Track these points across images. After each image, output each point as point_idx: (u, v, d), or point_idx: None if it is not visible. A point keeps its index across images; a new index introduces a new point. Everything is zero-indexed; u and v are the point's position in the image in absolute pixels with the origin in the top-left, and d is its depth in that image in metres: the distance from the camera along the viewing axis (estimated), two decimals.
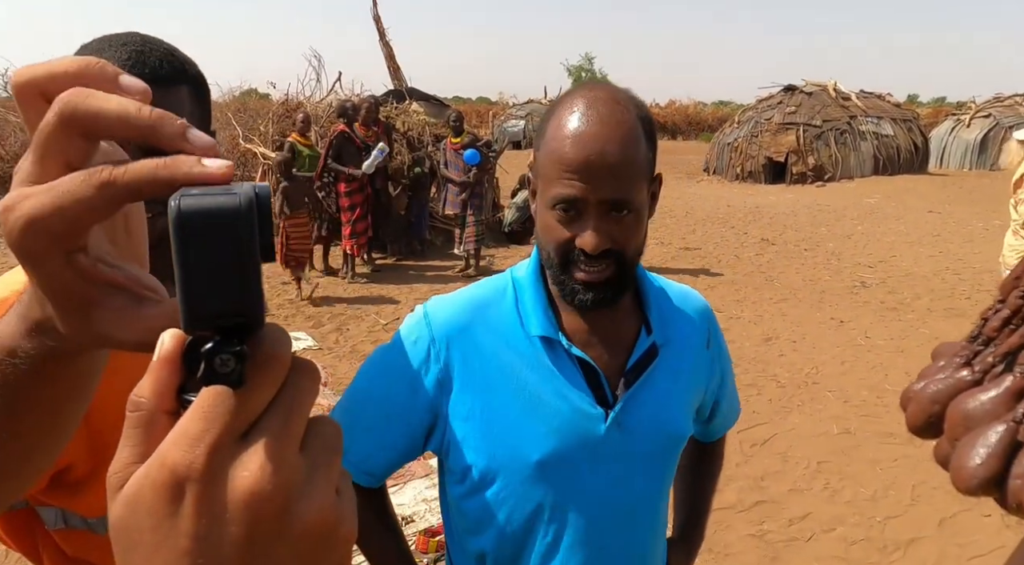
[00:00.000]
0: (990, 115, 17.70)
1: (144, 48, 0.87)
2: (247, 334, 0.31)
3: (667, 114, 38.96)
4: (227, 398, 0.30)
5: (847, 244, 9.45)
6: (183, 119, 0.36)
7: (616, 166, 0.88)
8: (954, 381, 0.36)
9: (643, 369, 0.99)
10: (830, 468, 3.57)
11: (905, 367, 4.95)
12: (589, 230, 0.89)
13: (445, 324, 0.99)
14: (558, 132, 0.91)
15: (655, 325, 1.02)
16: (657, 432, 1.01)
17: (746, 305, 6.53)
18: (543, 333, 0.97)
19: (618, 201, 0.89)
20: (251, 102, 14.90)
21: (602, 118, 0.89)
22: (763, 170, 17.07)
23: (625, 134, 0.89)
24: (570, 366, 0.97)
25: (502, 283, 1.05)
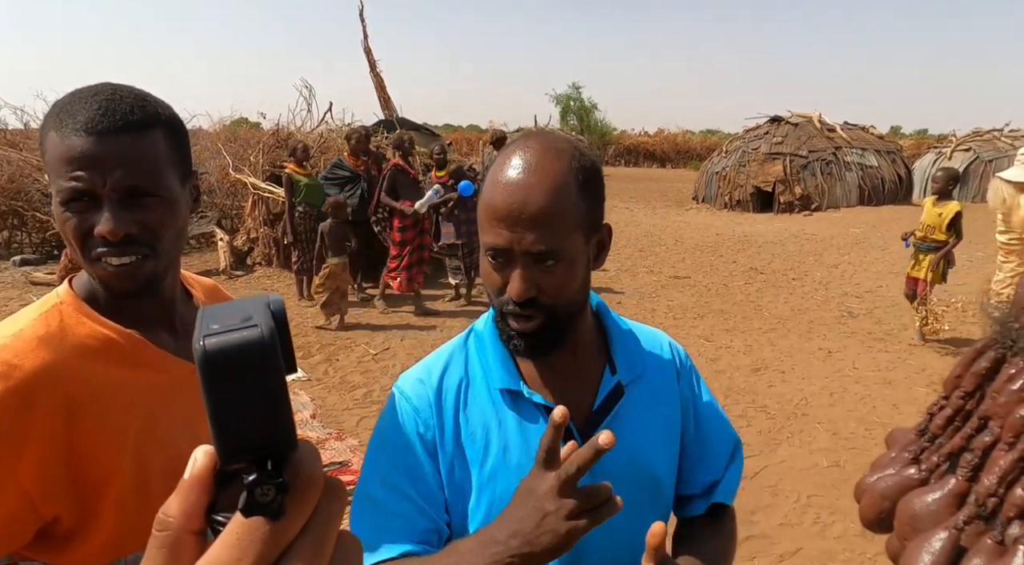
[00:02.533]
0: (970, 149, 18.04)
1: (114, 97, 0.91)
2: (282, 459, 0.31)
3: (656, 142, 39.39)
4: (262, 525, 0.29)
5: (834, 274, 9.53)
6: None
7: (539, 215, 0.88)
8: (902, 479, 0.38)
9: (610, 409, 0.99)
10: (820, 502, 3.56)
11: (892, 399, 4.97)
12: (515, 278, 0.90)
13: (419, 396, 1.01)
14: (491, 180, 0.92)
15: (620, 364, 1.02)
16: (629, 471, 0.98)
17: (735, 334, 6.56)
18: (504, 385, 0.98)
19: (543, 252, 0.89)
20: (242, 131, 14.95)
21: (530, 167, 0.89)
22: (751, 199, 17.26)
23: (552, 183, 0.89)
24: (534, 413, 0.97)
25: (467, 340, 1.06)
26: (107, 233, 0.89)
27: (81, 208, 0.89)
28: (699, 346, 6.12)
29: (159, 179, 0.93)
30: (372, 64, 11.62)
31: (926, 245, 6.13)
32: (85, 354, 0.92)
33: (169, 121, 0.96)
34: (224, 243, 9.50)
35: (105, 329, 0.95)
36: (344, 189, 7.91)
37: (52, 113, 0.91)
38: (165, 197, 0.94)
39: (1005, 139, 17.89)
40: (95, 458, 0.89)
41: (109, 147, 0.88)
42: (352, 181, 7.91)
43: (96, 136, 0.87)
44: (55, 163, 0.89)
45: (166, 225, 0.95)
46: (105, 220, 0.89)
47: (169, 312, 1.04)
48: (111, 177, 0.88)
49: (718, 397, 5.06)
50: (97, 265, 0.91)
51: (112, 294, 0.95)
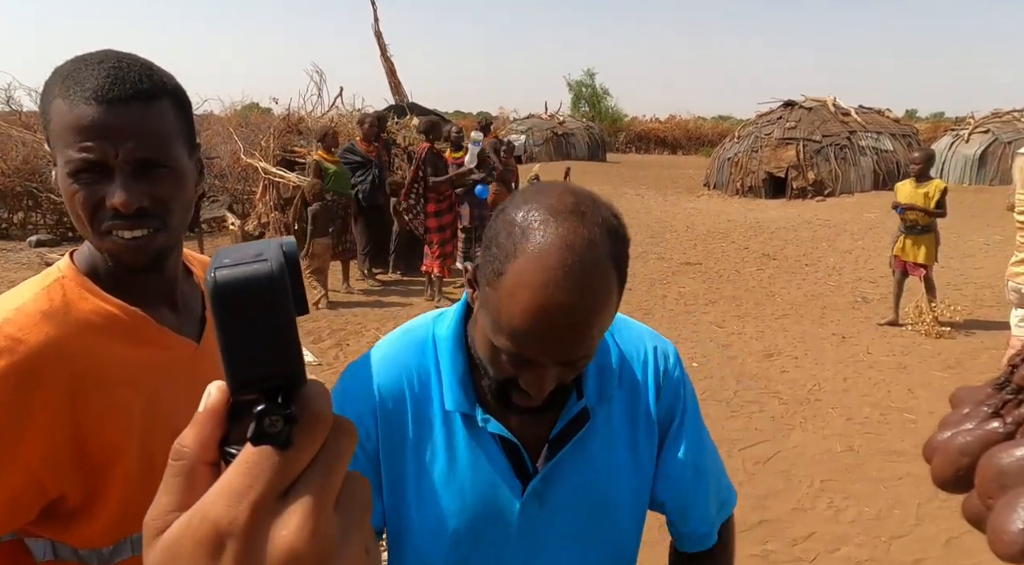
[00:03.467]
0: (988, 130, 17.73)
1: (121, 65, 0.88)
2: (291, 393, 0.32)
3: (667, 129, 39.06)
4: (272, 455, 0.30)
5: (848, 259, 9.44)
6: None
7: (577, 342, 0.78)
8: (984, 433, 0.34)
9: (570, 437, 0.90)
10: (834, 487, 3.53)
11: (908, 384, 4.92)
12: (541, 385, 0.80)
13: (365, 401, 0.93)
14: (513, 298, 0.76)
15: (589, 386, 0.92)
16: (586, 505, 0.92)
17: (748, 320, 6.51)
18: (457, 409, 0.90)
19: (578, 365, 0.81)
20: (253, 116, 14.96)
21: (575, 289, 0.74)
22: (763, 185, 17.10)
23: (601, 310, 0.77)
24: (488, 440, 0.91)
25: (421, 339, 0.96)
26: (120, 205, 0.86)
27: (91, 180, 0.87)
28: (711, 332, 6.08)
29: (169, 150, 0.91)
30: (383, 49, 11.57)
31: (918, 227, 6.11)
32: (88, 330, 0.90)
33: (175, 91, 0.94)
34: (235, 227, 9.52)
35: (108, 305, 0.93)
36: (356, 174, 7.89)
37: (56, 79, 0.88)
38: (175, 168, 0.92)
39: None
40: (101, 436, 0.88)
41: (120, 116, 0.86)
42: (364, 166, 7.90)
43: (107, 105, 0.85)
44: (63, 132, 0.86)
45: (176, 197, 0.93)
46: (118, 192, 0.86)
47: (171, 289, 1.02)
48: (123, 148, 0.86)
49: (730, 383, 5.06)
50: (107, 238, 0.89)
51: (122, 268, 0.93)
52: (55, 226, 10.56)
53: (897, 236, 6.37)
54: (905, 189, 6.27)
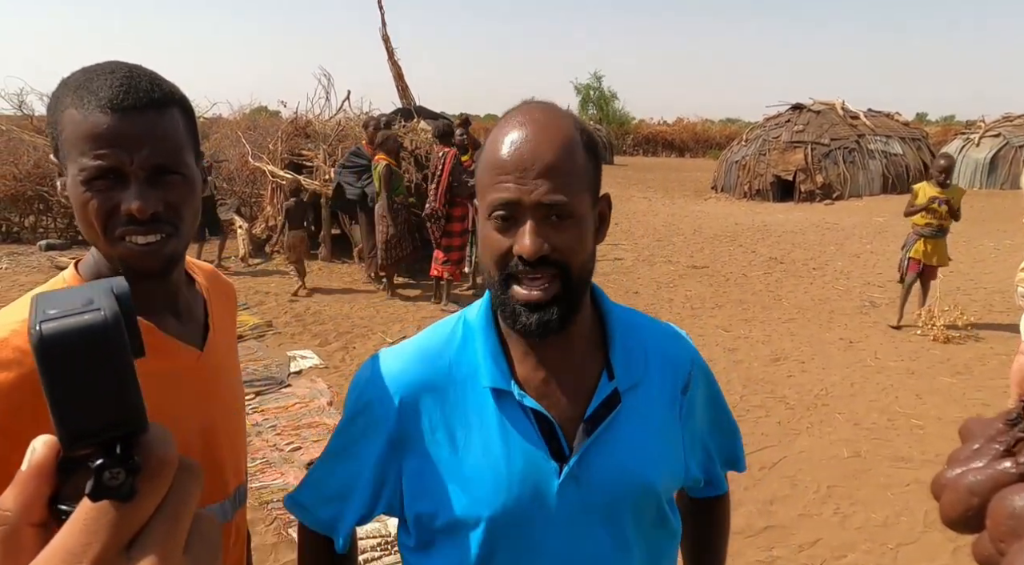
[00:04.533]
0: (1000, 134, 17.60)
1: (132, 75, 0.91)
2: (132, 440, 0.30)
3: (675, 132, 39.02)
4: (111, 509, 0.28)
5: (856, 263, 9.39)
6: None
7: (551, 166, 0.84)
8: (995, 473, 0.33)
9: (603, 418, 0.92)
10: (840, 493, 3.51)
11: (916, 389, 4.89)
12: (525, 233, 0.84)
13: (392, 382, 0.95)
14: (493, 141, 0.88)
15: (619, 368, 0.94)
16: (620, 484, 0.93)
17: (754, 324, 6.49)
18: (493, 384, 0.91)
19: (557, 204, 0.84)
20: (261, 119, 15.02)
21: (536, 122, 0.87)
22: (771, 188, 17.05)
23: (560, 137, 0.86)
24: (523, 418, 0.91)
25: (453, 329, 0.99)
26: (137, 211, 0.88)
27: (105, 187, 0.88)
28: (717, 336, 6.05)
29: (181, 156, 0.93)
30: (390, 52, 11.58)
31: (941, 231, 6.15)
32: None
33: (182, 100, 0.96)
34: (243, 231, 9.56)
35: None
36: (362, 177, 7.92)
37: (67, 91, 0.90)
38: (187, 175, 0.94)
39: None
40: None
41: (135, 124, 0.88)
42: (370, 170, 7.91)
43: (121, 113, 0.87)
44: (76, 141, 0.87)
45: (187, 203, 0.95)
46: (134, 198, 0.88)
47: (174, 296, 1.04)
48: (138, 155, 0.88)
49: (736, 388, 5.04)
50: (121, 245, 0.90)
51: (134, 274, 0.94)
52: (65, 230, 10.63)
53: (913, 240, 6.33)
54: (928, 191, 6.22)
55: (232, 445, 1.10)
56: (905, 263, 6.39)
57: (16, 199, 10.50)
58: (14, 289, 7.50)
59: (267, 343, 5.90)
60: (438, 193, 6.90)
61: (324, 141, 9.78)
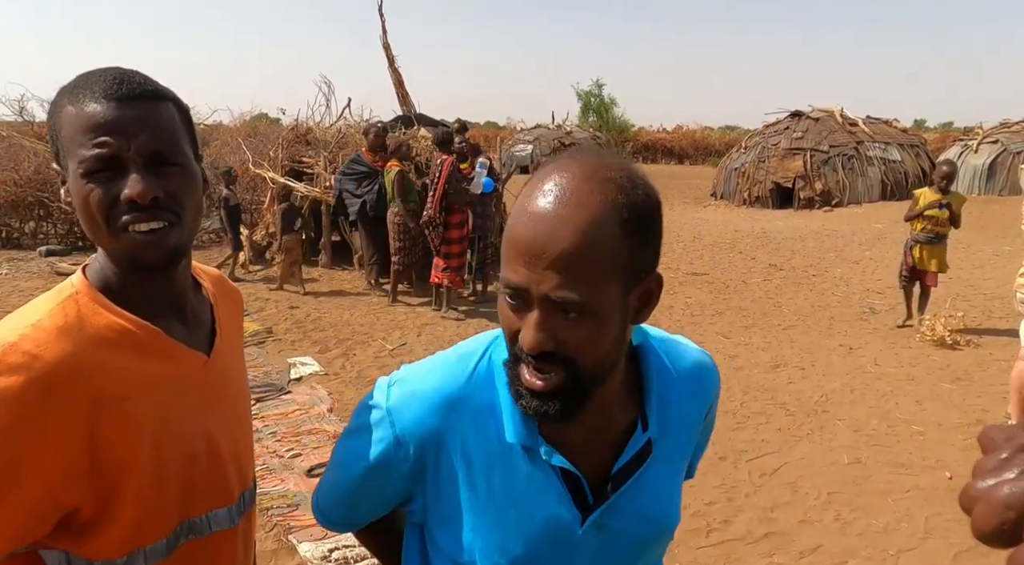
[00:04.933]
0: (997, 141, 17.66)
1: (125, 71, 0.93)
2: None
3: (674, 139, 39.12)
4: None
5: (855, 270, 9.41)
6: None
7: (566, 257, 0.72)
8: None
9: (634, 470, 0.88)
10: (841, 499, 3.51)
11: (916, 395, 4.89)
12: (529, 325, 0.76)
13: (413, 426, 0.89)
14: (519, 206, 0.78)
15: (653, 418, 0.89)
16: (644, 528, 0.91)
17: (754, 331, 6.49)
18: (519, 442, 0.86)
19: (566, 301, 0.73)
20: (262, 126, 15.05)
21: (563, 196, 0.74)
22: (770, 195, 17.09)
23: (588, 219, 0.72)
24: (549, 473, 0.87)
25: (477, 368, 0.91)
26: (136, 195, 0.87)
27: (105, 178, 0.88)
28: (717, 343, 6.06)
29: (179, 146, 0.93)
30: (390, 60, 11.61)
31: (938, 237, 6.20)
32: (103, 345, 0.90)
33: (176, 99, 0.97)
34: (243, 238, 9.57)
35: (121, 319, 0.93)
36: (362, 184, 7.94)
37: (64, 93, 0.91)
38: (185, 166, 0.94)
39: None
40: (115, 450, 0.89)
41: (131, 111, 0.88)
42: (370, 177, 7.94)
43: (117, 101, 0.88)
44: (74, 134, 0.88)
45: (188, 194, 0.94)
46: (134, 182, 0.88)
47: (182, 301, 1.03)
48: (136, 142, 0.88)
49: (737, 394, 5.05)
50: (123, 236, 0.90)
51: (134, 267, 0.94)
52: (65, 235, 10.65)
53: (911, 245, 6.38)
54: (929, 196, 6.28)
55: (237, 451, 1.09)
56: (906, 268, 6.45)
57: (16, 205, 10.51)
58: (14, 294, 7.50)
59: (267, 349, 5.90)
60: (434, 200, 6.94)
61: (325, 148, 9.81)
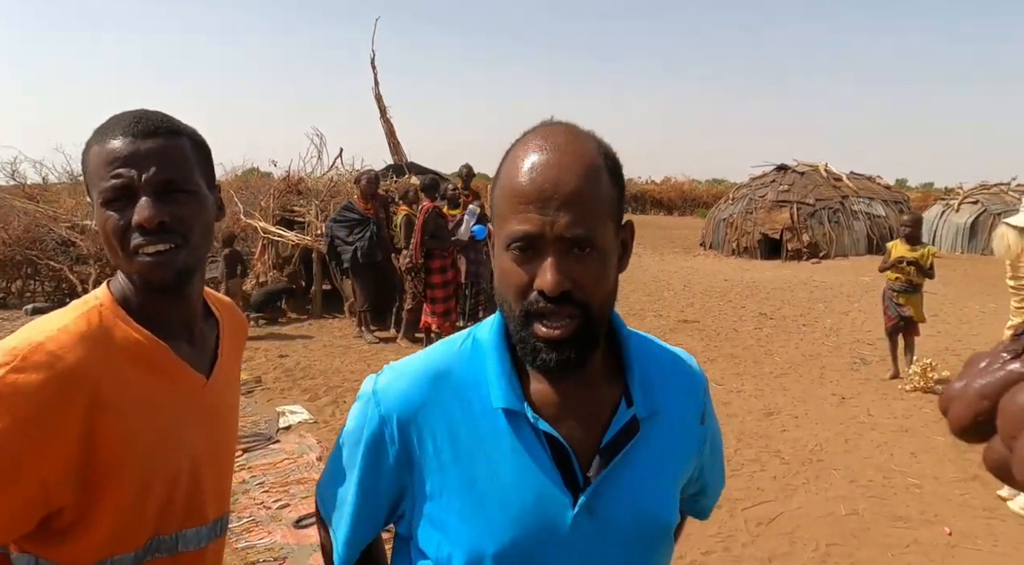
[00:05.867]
0: (978, 201, 18.09)
1: (146, 111, 1.03)
2: None
3: (663, 190, 39.72)
4: None
5: (845, 321, 9.45)
6: None
7: (574, 195, 0.80)
8: (1005, 374, 0.32)
9: (621, 446, 0.87)
10: (840, 552, 3.44)
11: (911, 447, 4.85)
12: (547, 268, 0.80)
13: (397, 402, 0.90)
14: (511, 166, 0.84)
15: (637, 395, 0.90)
16: (637, 520, 0.88)
17: (746, 378, 6.47)
18: (506, 405, 0.86)
19: (579, 237, 0.80)
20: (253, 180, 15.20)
21: (557, 146, 0.82)
22: (758, 246, 17.29)
23: (584, 164, 0.81)
24: (536, 444, 0.85)
25: (461, 346, 0.94)
26: (144, 220, 0.95)
27: (120, 206, 0.97)
28: (710, 389, 6.01)
29: (189, 175, 1.01)
30: (382, 110, 11.85)
31: (912, 287, 6.32)
32: (117, 356, 0.96)
33: (194, 135, 1.06)
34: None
35: (136, 333, 0.99)
36: (353, 231, 7.96)
37: (94, 133, 1.01)
38: (195, 192, 1.02)
39: (1013, 193, 17.91)
40: (107, 457, 0.93)
41: (145, 145, 0.97)
42: (361, 224, 7.97)
43: (132, 137, 0.97)
44: (97, 169, 0.97)
45: (197, 218, 1.01)
46: (141, 208, 0.96)
47: (191, 322, 1.09)
48: (147, 172, 0.96)
49: (731, 441, 4.99)
50: (135, 259, 0.97)
51: (147, 287, 1.01)
52: (52, 293, 10.50)
53: (891, 296, 6.47)
54: (899, 249, 6.43)
55: (218, 475, 1.12)
56: (891, 318, 6.53)
57: (4, 264, 10.42)
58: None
59: (256, 399, 5.81)
60: (414, 247, 7.04)
61: (316, 197, 9.88)
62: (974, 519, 3.80)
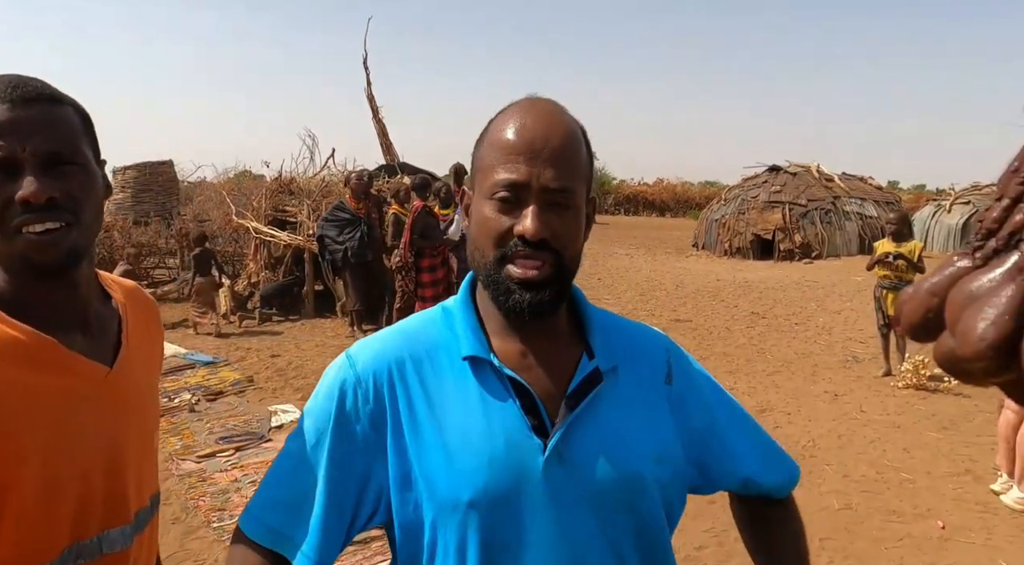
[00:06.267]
0: (969, 202, 18.15)
1: (23, 76, 0.93)
2: None
3: (655, 192, 39.82)
4: None
5: (837, 319, 9.48)
6: None
7: (560, 151, 0.87)
8: (953, 270, 0.33)
9: (585, 395, 0.90)
10: (833, 546, 3.43)
11: (903, 443, 4.86)
12: (530, 216, 0.85)
13: (371, 361, 0.92)
14: (499, 125, 0.90)
15: (599, 350, 0.94)
16: (607, 469, 0.89)
17: (739, 376, 6.48)
18: (472, 353, 0.90)
19: (563, 190, 0.86)
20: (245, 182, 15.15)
21: (543, 110, 0.90)
22: (751, 246, 17.32)
23: (567, 127, 0.89)
24: (503, 391, 0.89)
25: (433, 312, 1.00)
26: (30, 196, 0.85)
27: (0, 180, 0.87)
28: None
29: (77, 146, 0.92)
30: (375, 111, 11.84)
31: (901, 284, 6.35)
32: None
33: (75, 104, 0.97)
34: (225, 287, 9.48)
35: (10, 329, 0.88)
36: (344, 231, 7.94)
37: None
38: (84, 166, 0.93)
39: None
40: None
41: (26, 112, 0.88)
42: (352, 224, 7.95)
43: (10, 103, 0.87)
44: None
45: (87, 194, 0.93)
46: (28, 183, 0.86)
47: (84, 310, 0.99)
48: (31, 142, 0.87)
49: None
50: (17, 238, 0.87)
51: (31, 271, 0.90)
52: None
53: (881, 293, 6.50)
54: (885, 246, 6.47)
55: (139, 467, 1.03)
56: (884, 316, 6.55)
57: None
58: None
59: (248, 398, 5.78)
60: (403, 246, 7.03)
61: (308, 197, 9.85)
62: (967, 513, 3.81)
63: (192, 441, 4.85)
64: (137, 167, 14.93)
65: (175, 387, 6.13)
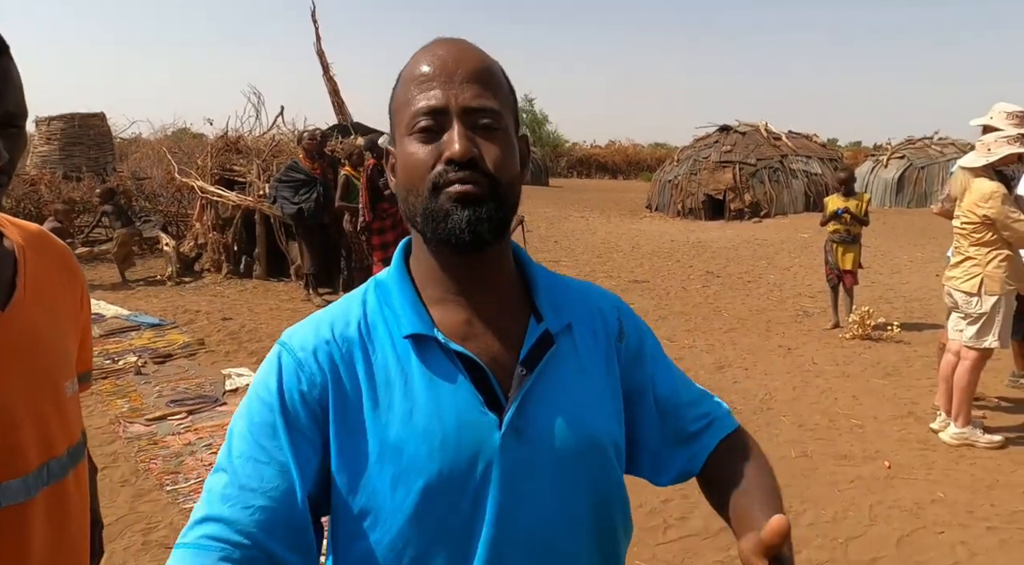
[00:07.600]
0: (904, 156, 18.75)
1: None
2: None
3: (607, 154, 39.95)
4: None
5: (787, 276, 9.74)
6: None
7: (477, 71, 0.82)
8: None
9: (538, 361, 0.85)
10: (791, 492, 3.56)
11: (852, 391, 5.06)
12: (455, 136, 0.79)
13: (308, 345, 0.84)
14: (413, 62, 0.85)
15: (547, 312, 0.89)
16: (566, 436, 0.85)
17: (697, 334, 6.61)
18: (414, 331, 0.83)
19: (484, 109, 0.81)
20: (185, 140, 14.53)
21: (455, 42, 0.86)
22: (703, 206, 17.59)
23: (481, 53, 0.86)
24: (451, 367, 0.82)
25: (363, 290, 0.92)
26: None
27: None
28: (663, 346, 6.12)
29: (22, 103, 0.92)
30: (325, 67, 11.44)
31: (851, 238, 6.65)
32: None
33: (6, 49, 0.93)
34: (170, 249, 9.15)
35: None
36: (299, 192, 7.71)
37: None
38: (23, 128, 0.93)
39: (935, 147, 18.68)
40: None
41: None
42: (308, 184, 7.72)
43: None
44: None
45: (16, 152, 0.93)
46: None
47: None
48: None
49: None
50: None
51: None
52: None
53: (831, 247, 6.70)
54: (835, 202, 6.67)
55: (41, 416, 0.98)
56: (830, 269, 6.78)
57: None
58: None
59: (200, 361, 5.64)
60: (363, 206, 6.88)
61: (258, 156, 9.51)
62: (910, 452, 4.03)
63: (140, 404, 4.72)
64: (64, 118, 14.17)
65: (119, 349, 5.95)
